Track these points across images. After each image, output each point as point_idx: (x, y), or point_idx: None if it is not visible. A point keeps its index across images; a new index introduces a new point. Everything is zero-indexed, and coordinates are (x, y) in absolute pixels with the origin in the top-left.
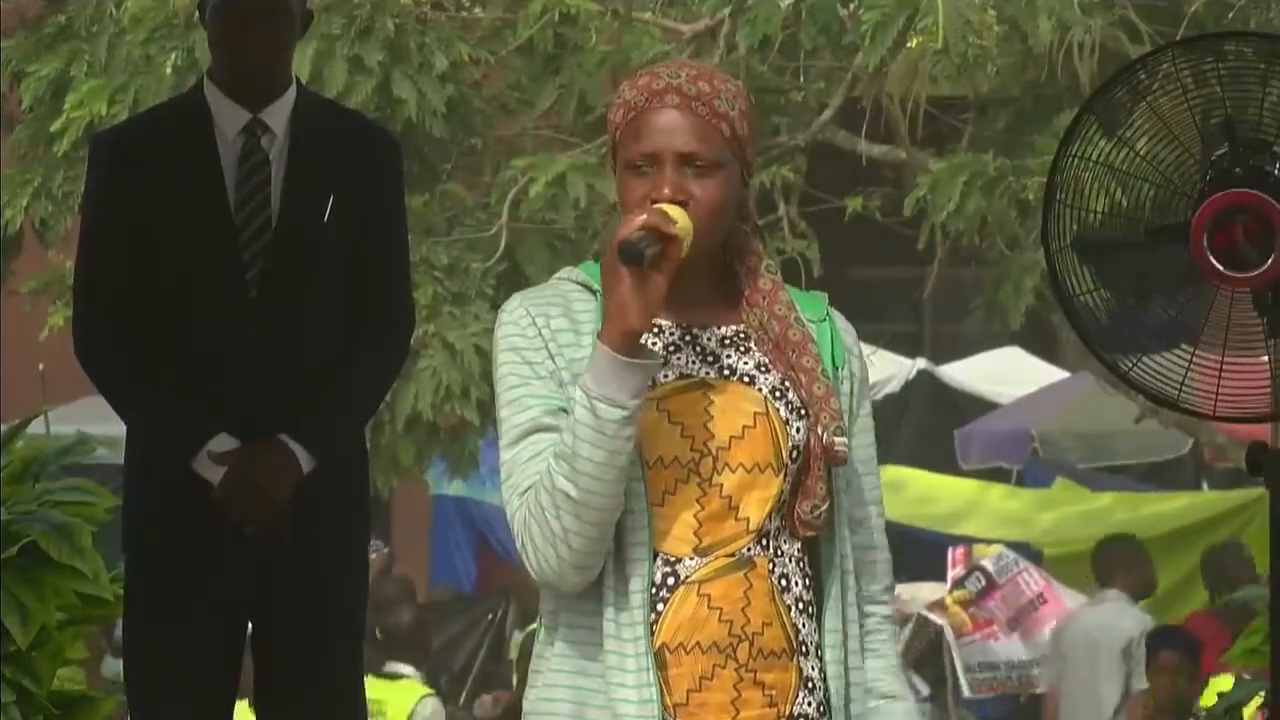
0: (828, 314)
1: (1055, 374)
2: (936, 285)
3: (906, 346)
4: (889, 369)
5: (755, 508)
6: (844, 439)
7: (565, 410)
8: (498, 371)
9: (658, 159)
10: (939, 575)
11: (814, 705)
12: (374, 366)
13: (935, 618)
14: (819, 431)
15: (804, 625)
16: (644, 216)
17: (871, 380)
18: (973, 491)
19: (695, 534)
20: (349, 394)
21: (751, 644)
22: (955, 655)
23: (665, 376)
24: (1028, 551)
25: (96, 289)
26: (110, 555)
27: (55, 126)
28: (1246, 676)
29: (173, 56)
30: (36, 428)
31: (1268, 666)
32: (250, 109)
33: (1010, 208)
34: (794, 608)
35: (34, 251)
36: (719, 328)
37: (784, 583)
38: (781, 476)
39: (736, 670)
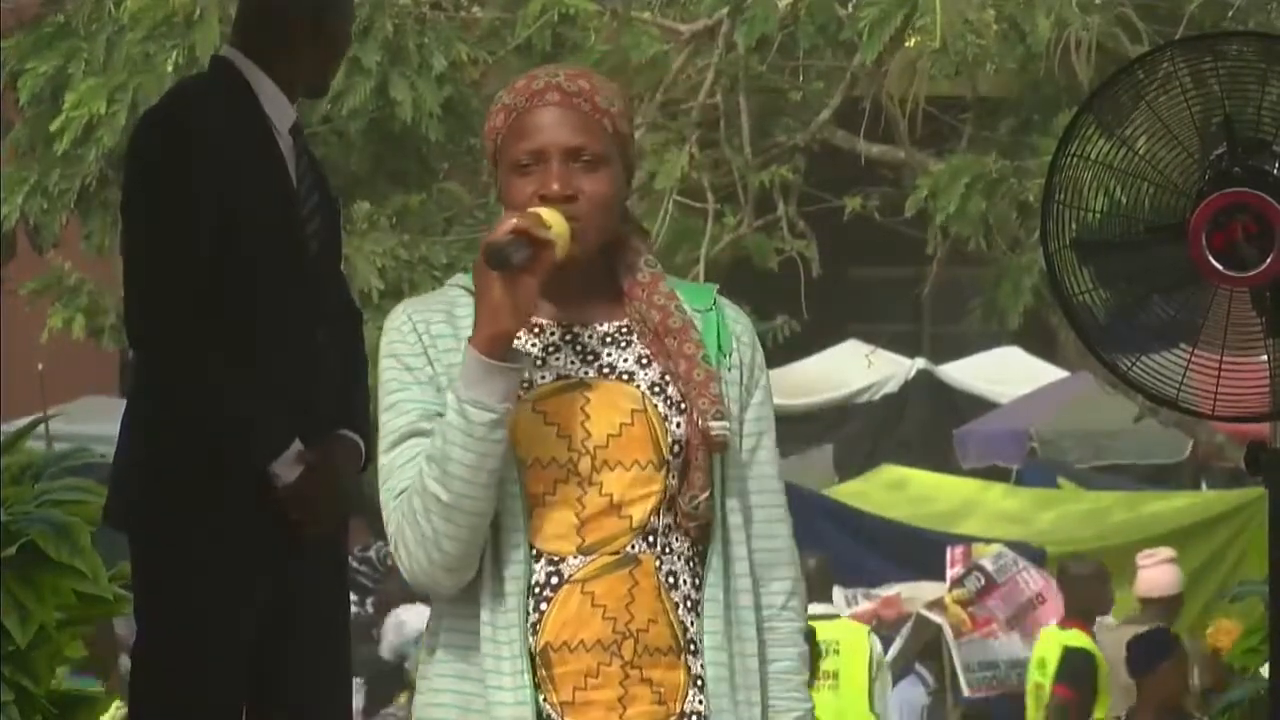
0: (714, 303)
1: (1054, 373)
2: (935, 285)
3: (905, 346)
4: (888, 368)
5: (638, 505)
6: (723, 424)
7: (442, 415)
8: (380, 377)
9: (543, 155)
10: (938, 574)
11: (703, 703)
12: (365, 359)
13: (934, 617)
14: (695, 418)
15: (691, 623)
16: (514, 221)
17: (871, 380)
18: (972, 491)
19: (578, 533)
20: (365, 385)
21: (637, 641)
22: (954, 654)
23: (542, 378)
24: (1027, 550)
25: (179, 280)
26: (109, 554)
27: (55, 125)
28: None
29: (173, 55)
30: (36, 430)
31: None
32: (293, 105)
33: (1011, 209)
34: (681, 605)
35: (30, 252)
36: (600, 325)
37: (671, 580)
38: (664, 473)
39: (622, 668)
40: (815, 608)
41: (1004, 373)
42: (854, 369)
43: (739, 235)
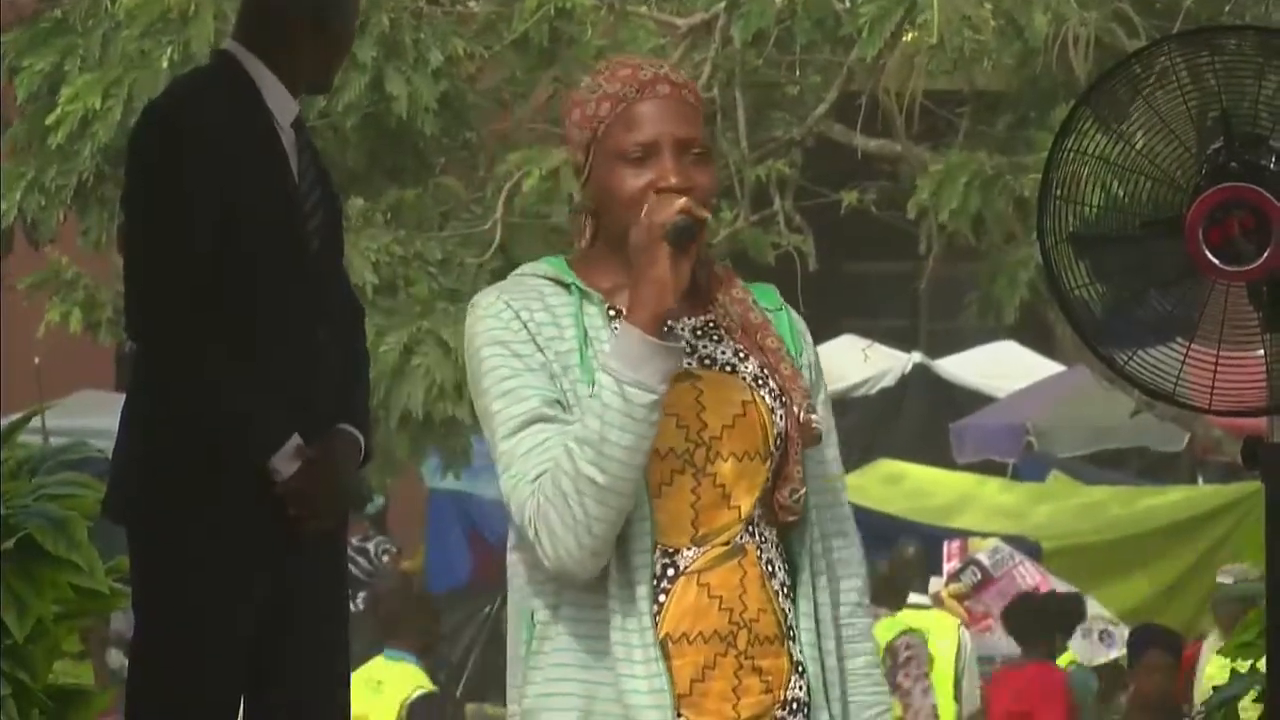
0: (783, 304)
1: (1050, 367)
2: (932, 279)
3: (902, 340)
4: (885, 363)
5: (746, 496)
6: (817, 416)
7: (560, 402)
8: (482, 365)
9: (656, 147)
10: (935, 569)
11: (803, 689)
12: (367, 355)
13: None
14: (794, 411)
15: (789, 610)
16: (682, 200)
17: (867, 375)
18: (968, 485)
19: (692, 524)
20: (365, 382)
21: (750, 631)
22: None
23: None
24: (1024, 544)
25: (178, 276)
26: (106, 548)
27: (50, 120)
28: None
29: (168, 51)
30: (33, 425)
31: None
32: (295, 99)
33: (1009, 205)
34: (780, 593)
35: (27, 248)
36: (689, 318)
37: (770, 568)
38: (768, 464)
39: (736, 658)
40: (911, 596)
41: (1000, 367)
42: (850, 363)
43: (735, 229)
